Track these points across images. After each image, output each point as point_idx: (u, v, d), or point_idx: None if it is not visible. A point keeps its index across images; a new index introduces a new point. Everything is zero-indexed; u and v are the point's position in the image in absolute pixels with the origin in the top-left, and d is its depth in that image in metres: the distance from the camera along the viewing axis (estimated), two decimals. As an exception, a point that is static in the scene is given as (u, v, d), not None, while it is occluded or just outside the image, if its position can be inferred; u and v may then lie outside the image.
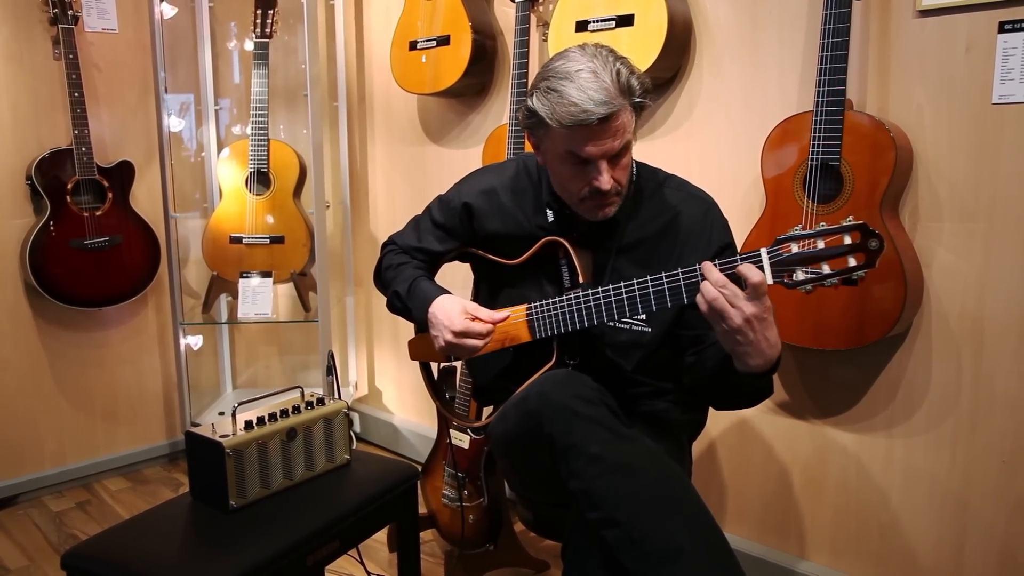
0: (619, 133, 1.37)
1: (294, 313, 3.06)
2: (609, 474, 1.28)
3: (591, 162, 1.39)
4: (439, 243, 1.71)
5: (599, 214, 1.46)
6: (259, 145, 2.75)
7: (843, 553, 1.95)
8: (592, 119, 1.33)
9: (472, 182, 1.69)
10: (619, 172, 1.42)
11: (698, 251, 1.49)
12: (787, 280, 1.19)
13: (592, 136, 1.36)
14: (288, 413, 1.64)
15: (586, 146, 1.37)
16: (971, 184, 1.67)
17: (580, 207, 1.47)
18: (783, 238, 1.19)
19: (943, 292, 1.74)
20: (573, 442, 1.31)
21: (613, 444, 1.31)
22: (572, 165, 1.42)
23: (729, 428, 2.11)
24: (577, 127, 1.34)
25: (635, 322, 1.52)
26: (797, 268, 1.17)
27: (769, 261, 1.21)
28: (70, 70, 2.55)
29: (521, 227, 1.59)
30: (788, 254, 1.19)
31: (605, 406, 1.36)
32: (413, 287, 1.64)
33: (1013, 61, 1.59)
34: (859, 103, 1.78)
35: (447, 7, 2.44)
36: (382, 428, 3.16)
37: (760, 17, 1.94)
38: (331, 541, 1.55)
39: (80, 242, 2.63)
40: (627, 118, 1.38)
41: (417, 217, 1.79)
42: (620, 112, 1.35)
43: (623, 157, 1.42)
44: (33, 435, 2.73)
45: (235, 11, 3.01)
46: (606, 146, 1.37)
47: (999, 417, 1.69)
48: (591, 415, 1.32)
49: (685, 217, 1.52)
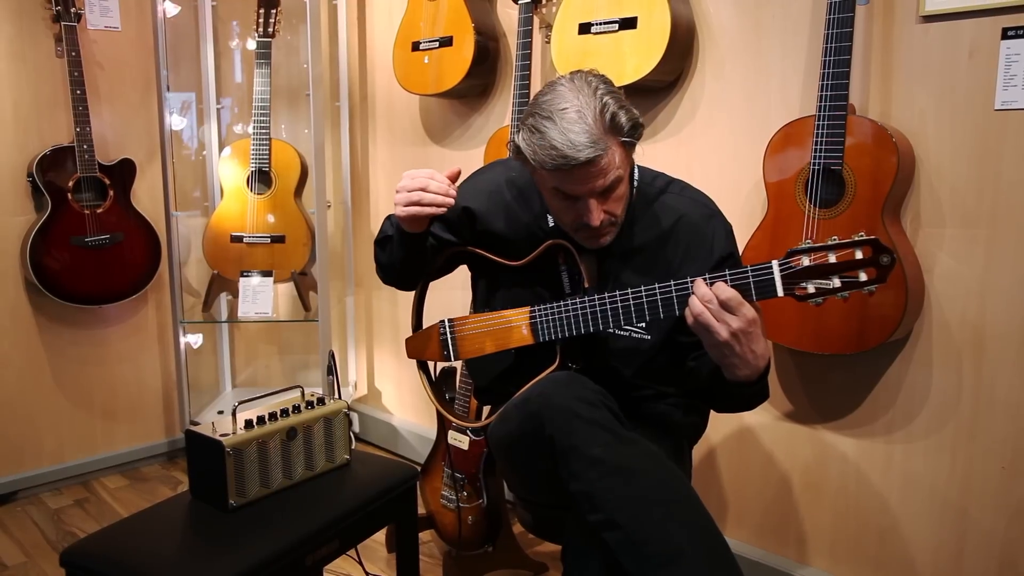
0: (605, 172, 1.34)
1: (294, 312, 3.06)
2: (610, 476, 1.28)
3: (580, 198, 1.38)
4: (439, 231, 1.67)
5: (594, 244, 1.46)
6: (261, 144, 2.75)
7: (842, 558, 1.95)
8: (571, 164, 1.31)
9: (473, 183, 1.68)
10: (612, 204, 1.41)
11: (698, 261, 1.49)
12: (798, 293, 1.20)
13: (576, 178, 1.34)
14: (288, 413, 1.64)
15: (571, 186, 1.36)
16: (973, 190, 1.67)
17: (576, 236, 1.47)
18: (794, 251, 1.19)
19: (944, 298, 1.74)
20: (574, 444, 1.31)
21: (614, 447, 1.30)
22: (562, 200, 1.41)
23: (729, 432, 2.11)
24: (557, 171, 1.34)
25: (635, 329, 1.52)
26: (808, 281, 1.18)
27: (780, 274, 1.21)
28: (72, 68, 2.55)
29: (524, 227, 1.59)
30: (799, 267, 1.19)
31: (607, 408, 1.36)
32: (388, 219, 1.65)
33: (1016, 67, 1.59)
34: (861, 108, 1.78)
35: (450, 8, 2.45)
36: (382, 428, 3.16)
37: (763, 21, 1.94)
38: (330, 541, 1.55)
39: (81, 239, 2.63)
40: (614, 156, 1.34)
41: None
42: (604, 154, 1.32)
43: (615, 191, 1.40)
44: (32, 432, 2.73)
45: (238, 10, 3.02)
46: (592, 185, 1.35)
47: (999, 423, 1.69)
48: (593, 417, 1.32)
49: (686, 225, 1.51)
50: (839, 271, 1.17)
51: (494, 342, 1.54)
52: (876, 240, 1.15)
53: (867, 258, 1.15)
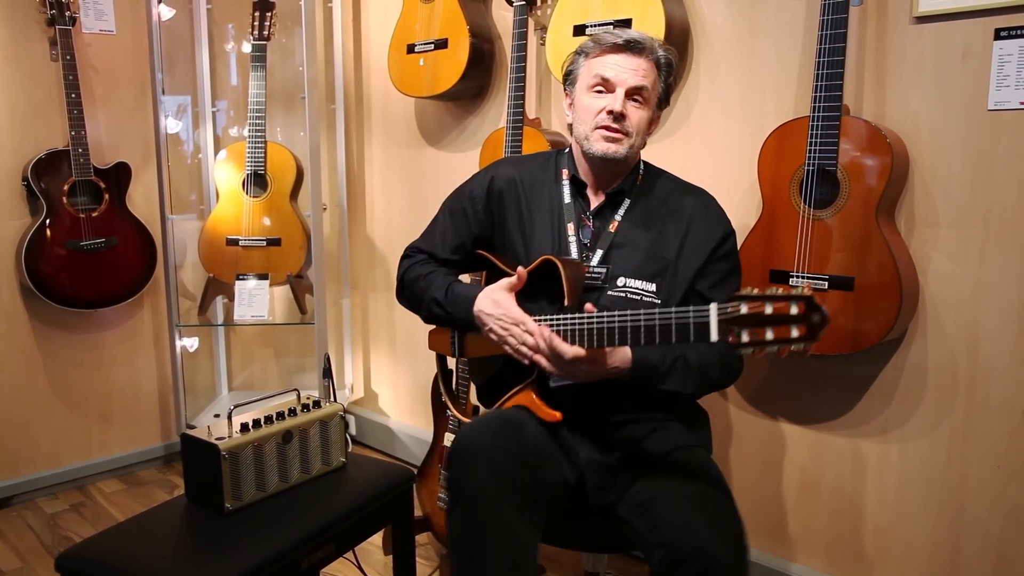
0: (640, 73, 1.51)
1: (290, 315, 3.06)
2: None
3: (610, 91, 1.52)
4: (459, 235, 1.69)
5: (607, 146, 1.52)
6: (256, 147, 2.75)
7: (838, 557, 1.95)
8: (621, 40, 1.51)
9: (491, 170, 1.71)
10: (632, 112, 1.52)
11: (704, 234, 1.56)
12: (731, 340, 1.18)
13: (617, 61, 1.51)
14: (284, 416, 1.64)
15: (610, 68, 1.52)
16: (967, 190, 1.68)
17: (593, 137, 1.54)
18: (735, 296, 1.17)
19: (939, 297, 1.74)
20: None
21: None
22: (595, 93, 1.53)
23: (725, 431, 2.11)
24: (607, 48, 1.52)
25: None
26: (744, 329, 1.15)
27: (717, 318, 1.20)
28: (67, 71, 2.55)
29: (544, 217, 1.62)
30: (736, 314, 1.17)
31: (520, 483, 1.36)
32: (450, 291, 1.61)
33: (1009, 68, 1.60)
34: (855, 109, 1.79)
35: (445, 11, 2.45)
36: (378, 431, 3.16)
37: (757, 22, 1.95)
38: (326, 544, 1.55)
39: (76, 243, 2.62)
40: (650, 69, 1.53)
41: (432, 220, 1.76)
42: (646, 51, 1.52)
43: (639, 103, 1.53)
44: (28, 436, 2.72)
45: (233, 13, 3.02)
46: (627, 74, 1.51)
47: (994, 423, 1.70)
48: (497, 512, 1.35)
49: (689, 204, 1.60)
50: (773, 323, 1.14)
51: (493, 345, 1.55)
52: (811, 298, 1.12)
53: (800, 314, 1.12)
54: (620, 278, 1.54)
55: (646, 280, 1.53)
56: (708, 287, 1.54)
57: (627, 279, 1.53)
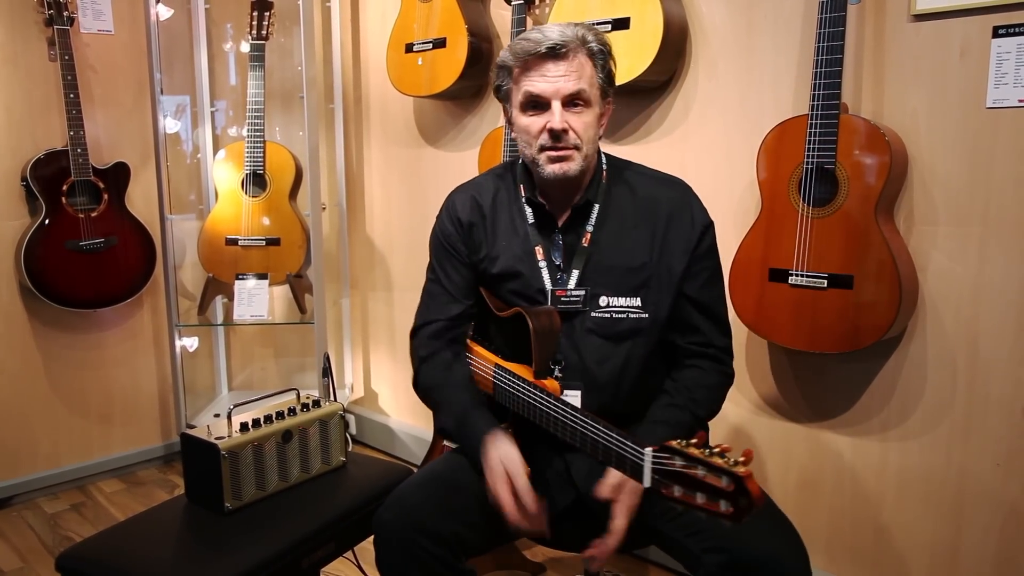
0: (573, 77, 1.39)
1: (290, 315, 3.06)
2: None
3: (545, 107, 1.40)
4: (460, 273, 1.57)
5: (558, 167, 1.42)
6: (255, 147, 2.75)
7: (838, 556, 1.95)
8: (542, 48, 1.37)
9: (450, 207, 1.61)
10: (576, 122, 1.41)
11: (683, 231, 1.47)
12: (663, 492, 1.11)
13: (543, 71, 1.39)
14: (284, 415, 1.64)
15: (539, 82, 1.40)
16: (966, 188, 1.68)
17: (540, 160, 1.43)
18: (672, 448, 1.10)
19: (938, 295, 1.74)
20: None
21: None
22: (531, 111, 1.42)
23: (723, 431, 2.11)
24: (530, 59, 1.39)
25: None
26: (676, 485, 1.09)
27: (651, 465, 1.14)
28: (66, 71, 2.55)
29: (509, 240, 1.53)
30: (669, 467, 1.10)
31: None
32: (463, 421, 1.47)
33: (1007, 66, 1.60)
34: (854, 107, 1.79)
35: (443, 10, 2.45)
36: (378, 430, 3.16)
37: (756, 21, 1.95)
38: (326, 543, 1.55)
39: (75, 243, 2.62)
40: (583, 63, 1.40)
41: (424, 290, 1.64)
42: (573, 50, 1.38)
43: (580, 108, 1.41)
44: (28, 436, 2.72)
45: (231, 13, 3.01)
46: (558, 83, 1.38)
47: (994, 421, 1.70)
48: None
49: (663, 202, 1.49)
50: (703, 490, 1.06)
51: (480, 377, 1.54)
52: (741, 480, 1.01)
53: (729, 491, 1.03)
54: (602, 297, 1.46)
55: (629, 295, 1.46)
56: (696, 289, 1.48)
57: (609, 298, 1.46)
